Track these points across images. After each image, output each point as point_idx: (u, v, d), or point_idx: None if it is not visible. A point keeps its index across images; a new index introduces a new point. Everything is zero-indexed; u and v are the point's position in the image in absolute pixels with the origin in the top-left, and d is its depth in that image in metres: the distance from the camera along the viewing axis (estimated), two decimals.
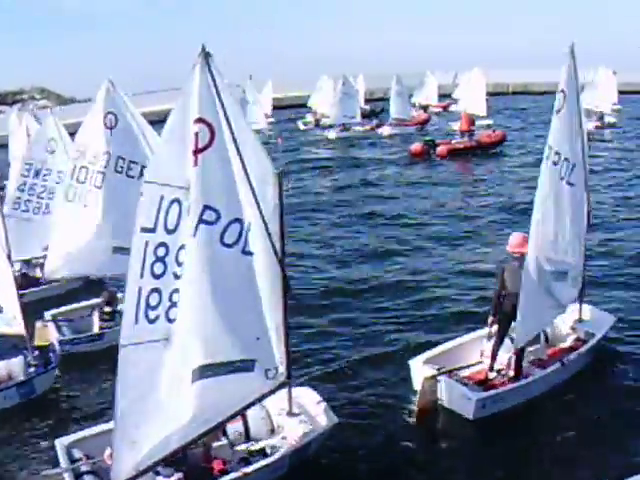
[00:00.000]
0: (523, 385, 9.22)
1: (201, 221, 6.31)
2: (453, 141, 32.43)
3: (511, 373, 9.48)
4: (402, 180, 26.92)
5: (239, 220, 6.60)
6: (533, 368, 9.67)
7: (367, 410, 9.48)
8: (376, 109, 49.28)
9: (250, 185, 6.52)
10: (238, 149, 6.37)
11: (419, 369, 9.58)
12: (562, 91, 8.81)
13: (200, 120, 6.08)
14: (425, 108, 47.56)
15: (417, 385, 9.38)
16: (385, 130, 40.02)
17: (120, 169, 11.17)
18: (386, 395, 9.84)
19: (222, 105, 6.16)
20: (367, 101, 52.52)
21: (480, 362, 9.77)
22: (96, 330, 11.71)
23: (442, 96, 50.39)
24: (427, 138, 33.48)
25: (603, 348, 10.60)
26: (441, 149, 31.46)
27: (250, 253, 6.76)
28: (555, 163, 9.00)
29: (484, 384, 9.42)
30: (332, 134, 39.17)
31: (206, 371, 6.67)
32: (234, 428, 7.93)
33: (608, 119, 40.04)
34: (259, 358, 7.11)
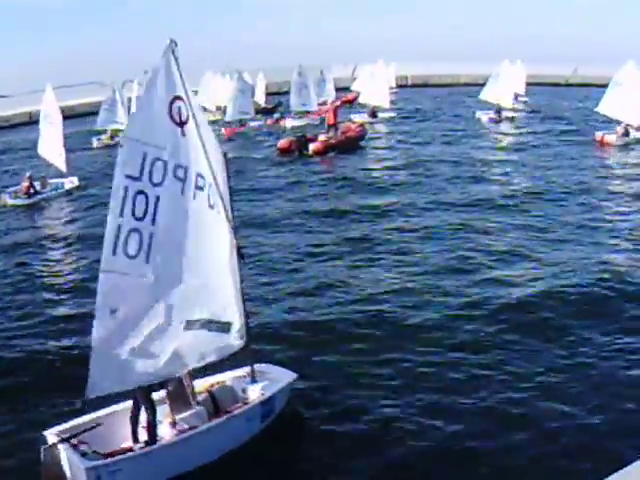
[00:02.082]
0: (149, 452, 7.72)
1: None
2: (322, 136, 30.62)
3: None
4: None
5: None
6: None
7: None
8: (268, 105, 48.36)
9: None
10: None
11: (49, 439, 7.86)
12: (179, 98, 7.57)
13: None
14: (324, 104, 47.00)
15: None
16: (288, 122, 39.25)
17: None
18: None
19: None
20: (269, 95, 51.71)
21: (98, 424, 7.98)
22: None
23: (339, 89, 50.05)
24: (298, 134, 31.89)
25: (283, 413, 9.12)
26: (317, 145, 29.66)
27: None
28: (200, 187, 7.75)
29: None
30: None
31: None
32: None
33: (505, 114, 40.85)
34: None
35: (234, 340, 8.60)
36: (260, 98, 49.65)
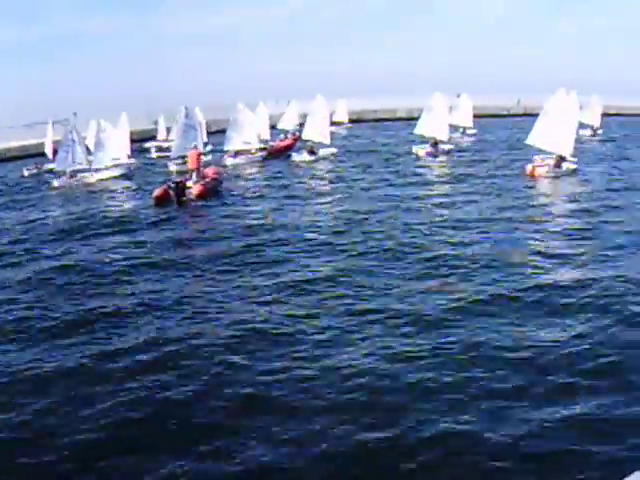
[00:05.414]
0: None
1: None
2: (189, 182, 28.51)
3: None
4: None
5: None
6: None
7: None
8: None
9: None
10: None
11: None
12: None
13: None
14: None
15: None
16: (228, 161, 38.84)
17: None
18: None
19: None
20: (209, 134, 50.68)
21: None
22: None
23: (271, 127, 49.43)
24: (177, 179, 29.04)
25: None
26: (199, 188, 27.82)
27: None
28: None
29: None
30: (173, 167, 36.52)
31: None
32: None
33: (443, 146, 40.79)
34: None
35: None
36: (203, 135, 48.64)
